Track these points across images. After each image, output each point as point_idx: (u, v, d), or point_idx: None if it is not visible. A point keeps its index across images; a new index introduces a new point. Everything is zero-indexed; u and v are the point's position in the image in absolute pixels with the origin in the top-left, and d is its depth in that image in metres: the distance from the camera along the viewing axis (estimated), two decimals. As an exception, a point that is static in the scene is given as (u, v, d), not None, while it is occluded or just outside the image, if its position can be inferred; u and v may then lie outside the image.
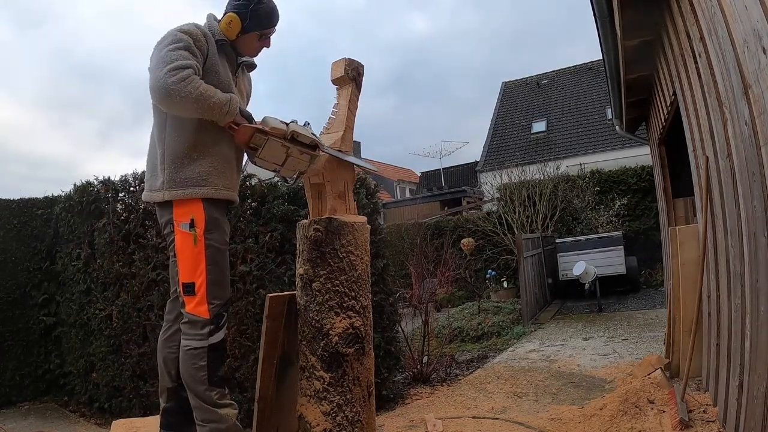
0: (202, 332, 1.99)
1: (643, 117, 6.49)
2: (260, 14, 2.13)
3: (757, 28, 1.70)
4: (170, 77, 1.86)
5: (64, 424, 4.32)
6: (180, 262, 2.03)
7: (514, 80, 20.97)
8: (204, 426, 2.01)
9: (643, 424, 2.90)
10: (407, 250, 8.68)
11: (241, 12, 2.12)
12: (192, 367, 1.99)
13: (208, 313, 1.99)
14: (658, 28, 3.75)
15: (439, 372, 4.97)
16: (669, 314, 4.14)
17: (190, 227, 2.00)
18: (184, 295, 2.03)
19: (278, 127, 1.94)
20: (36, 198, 5.30)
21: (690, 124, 3.36)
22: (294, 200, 3.91)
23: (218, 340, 2.02)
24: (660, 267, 8.74)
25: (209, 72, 2.06)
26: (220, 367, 2.06)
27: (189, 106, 1.90)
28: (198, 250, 2.00)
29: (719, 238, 2.80)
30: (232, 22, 2.12)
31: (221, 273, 2.06)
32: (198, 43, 2.02)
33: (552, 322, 7.41)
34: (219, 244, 2.06)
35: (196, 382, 1.99)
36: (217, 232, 2.06)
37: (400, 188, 29.22)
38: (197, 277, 2.00)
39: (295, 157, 1.96)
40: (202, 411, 2.01)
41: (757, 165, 1.90)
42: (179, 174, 2.02)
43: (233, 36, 2.14)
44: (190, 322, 2.02)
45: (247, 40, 2.18)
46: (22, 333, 5.04)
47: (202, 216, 2.01)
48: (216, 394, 2.00)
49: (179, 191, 2.01)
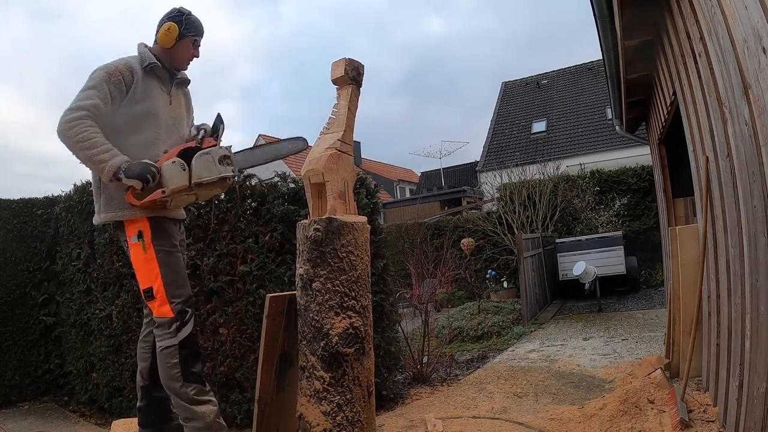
0: (170, 330, 2.16)
1: (643, 117, 6.49)
2: (192, 21, 2.35)
3: (757, 28, 1.70)
4: (63, 117, 2.03)
5: (64, 424, 4.32)
6: (137, 271, 2.21)
7: (514, 80, 20.97)
8: (185, 425, 2.13)
9: (643, 424, 2.90)
10: (407, 250, 8.68)
11: (176, 20, 2.31)
12: (167, 366, 2.14)
13: (172, 311, 2.16)
14: (658, 28, 3.75)
15: (439, 372, 4.97)
16: (669, 314, 4.14)
17: (138, 238, 2.18)
18: (147, 302, 2.20)
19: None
20: (36, 198, 5.30)
21: (690, 124, 3.37)
22: (294, 200, 3.91)
23: (187, 335, 2.17)
24: (660, 267, 8.74)
25: (140, 99, 2.21)
26: (194, 364, 2.18)
27: (72, 149, 2.07)
28: (149, 256, 2.17)
29: (719, 238, 2.80)
30: (170, 28, 2.28)
31: (175, 274, 2.22)
32: (113, 78, 2.14)
33: (552, 322, 7.42)
34: (168, 247, 2.22)
35: (172, 380, 2.12)
36: (164, 238, 2.22)
37: (400, 188, 29.23)
38: (153, 281, 2.16)
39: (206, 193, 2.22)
40: (182, 410, 2.13)
41: (757, 165, 1.90)
42: (113, 198, 2.19)
43: (171, 42, 2.29)
44: (160, 325, 2.17)
45: (183, 47, 2.34)
46: (22, 333, 5.03)
47: (147, 226, 2.18)
48: (192, 390, 2.12)
49: (112, 213, 2.19)
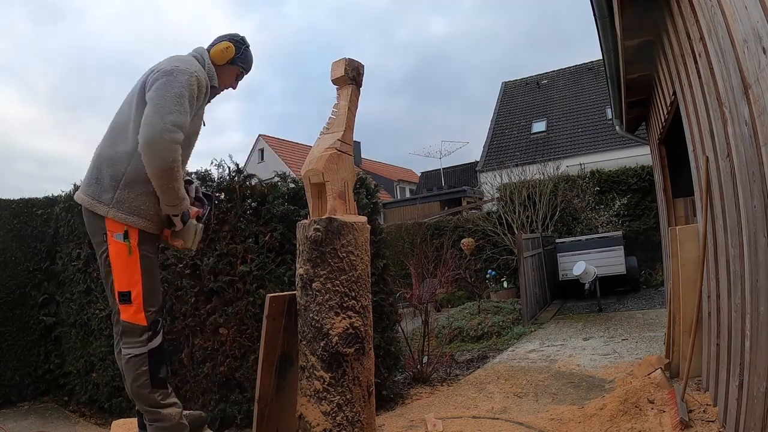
0: (141, 339, 2.07)
1: (643, 117, 6.49)
2: (248, 54, 2.42)
3: (757, 28, 1.70)
4: (167, 132, 1.97)
5: (64, 424, 4.33)
6: (115, 271, 2.09)
7: (514, 80, 20.96)
8: (151, 425, 2.12)
9: (643, 424, 2.90)
10: (407, 250, 8.68)
11: (236, 44, 2.35)
12: (135, 373, 2.06)
13: (146, 320, 2.08)
14: (658, 28, 3.75)
15: (439, 372, 4.97)
16: (669, 314, 4.14)
17: (124, 238, 2.08)
18: (120, 304, 2.09)
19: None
20: (36, 198, 5.30)
21: (690, 124, 3.36)
22: (294, 200, 3.91)
23: (157, 345, 2.11)
24: (660, 267, 8.73)
25: (194, 118, 2.20)
26: (162, 369, 2.13)
27: (159, 169, 1.99)
28: (133, 260, 2.08)
29: (719, 238, 2.80)
30: (228, 48, 2.31)
31: (154, 281, 2.16)
32: (199, 93, 2.16)
33: (552, 322, 7.41)
34: (151, 253, 2.16)
35: (140, 388, 2.07)
36: (149, 243, 2.16)
37: (400, 188, 29.25)
38: (133, 286, 2.08)
39: None
40: (148, 413, 2.11)
41: (757, 165, 1.90)
42: (129, 199, 2.11)
43: (223, 62, 2.32)
44: (128, 331, 2.08)
45: (230, 72, 2.38)
46: (22, 333, 5.03)
47: (136, 229, 2.11)
48: (159, 395, 2.09)
49: (123, 215, 2.09)
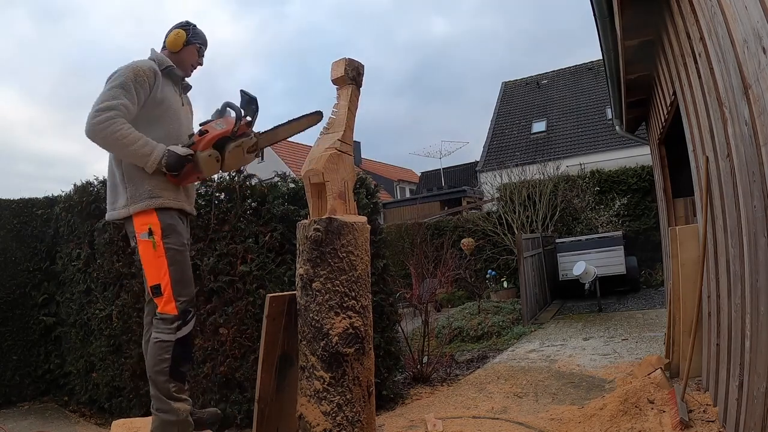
0: (171, 327, 2.21)
1: (643, 117, 6.49)
2: (198, 31, 2.54)
3: (757, 28, 1.70)
4: (93, 117, 2.12)
5: (64, 424, 4.33)
6: (145, 267, 2.26)
7: (514, 80, 20.94)
8: (157, 415, 2.20)
9: (643, 424, 2.90)
10: (407, 250, 8.67)
11: (184, 28, 2.50)
12: (157, 358, 2.19)
13: (176, 309, 2.22)
14: (658, 28, 3.75)
15: (439, 372, 4.97)
16: (669, 314, 4.14)
17: (149, 235, 2.23)
18: (154, 297, 2.26)
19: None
20: (36, 198, 5.30)
21: (690, 124, 3.36)
22: (294, 200, 3.91)
23: (185, 334, 2.23)
24: (660, 267, 8.73)
25: (160, 103, 2.34)
26: (184, 364, 2.25)
27: (109, 147, 2.18)
28: (158, 254, 2.22)
29: (719, 238, 2.80)
30: (178, 34, 2.46)
31: (183, 272, 2.28)
32: (139, 78, 2.24)
33: (552, 322, 7.41)
34: (177, 246, 2.27)
35: (158, 373, 2.19)
36: (174, 236, 2.27)
37: (400, 188, 29.23)
38: (161, 278, 2.22)
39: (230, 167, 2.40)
40: (158, 401, 2.20)
41: (757, 165, 1.90)
42: (138, 190, 2.26)
43: (179, 47, 2.46)
44: (162, 319, 2.24)
45: (189, 53, 2.51)
46: (22, 333, 5.04)
47: (158, 223, 2.24)
48: (174, 387, 2.20)
49: (140, 204, 2.25)
